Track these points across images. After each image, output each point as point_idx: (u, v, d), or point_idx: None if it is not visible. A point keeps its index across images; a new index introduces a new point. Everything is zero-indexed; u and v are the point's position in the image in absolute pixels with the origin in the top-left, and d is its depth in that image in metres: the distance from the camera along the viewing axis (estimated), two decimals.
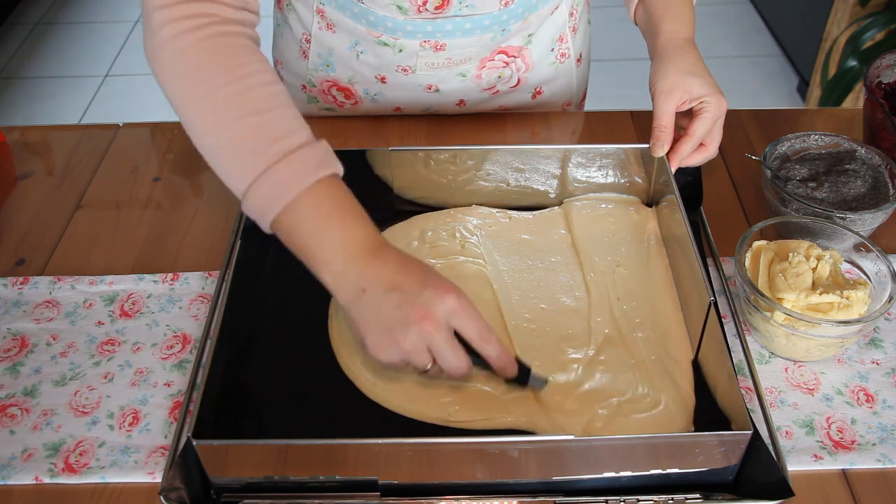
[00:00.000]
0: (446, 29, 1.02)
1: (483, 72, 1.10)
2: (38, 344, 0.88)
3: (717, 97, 0.89)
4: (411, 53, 1.05)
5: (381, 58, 1.07)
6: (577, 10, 1.15)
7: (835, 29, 2.50)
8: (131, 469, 0.77)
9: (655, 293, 0.90)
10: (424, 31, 1.02)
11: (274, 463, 0.71)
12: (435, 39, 1.03)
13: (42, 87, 2.97)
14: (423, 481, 0.73)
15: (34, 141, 1.17)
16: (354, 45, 1.07)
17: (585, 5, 1.19)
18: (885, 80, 1.06)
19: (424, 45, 1.04)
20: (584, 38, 1.21)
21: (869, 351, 0.86)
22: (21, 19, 3.33)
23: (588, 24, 1.22)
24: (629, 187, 1.00)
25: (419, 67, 1.07)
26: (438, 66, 1.07)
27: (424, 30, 1.02)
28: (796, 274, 0.83)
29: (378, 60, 1.07)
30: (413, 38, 1.03)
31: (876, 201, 0.94)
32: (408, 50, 1.05)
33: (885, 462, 0.77)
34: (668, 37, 0.95)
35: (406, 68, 1.07)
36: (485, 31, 1.03)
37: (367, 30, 1.04)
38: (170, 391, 0.84)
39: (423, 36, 1.03)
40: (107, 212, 1.05)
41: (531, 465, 0.71)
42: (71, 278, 0.95)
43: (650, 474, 0.72)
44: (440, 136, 1.14)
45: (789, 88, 2.85)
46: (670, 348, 0.84)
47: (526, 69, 1.13)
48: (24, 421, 0.81)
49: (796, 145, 1.01)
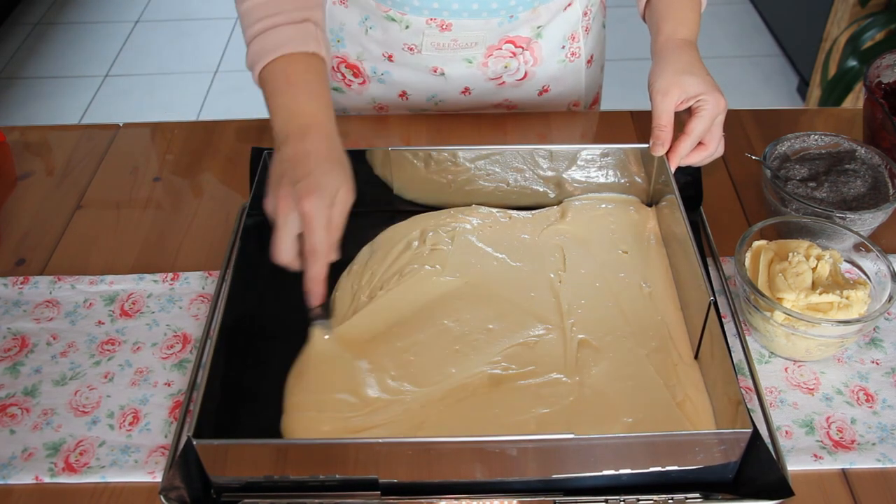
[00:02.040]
0: (453, 8, 1.03)
1: (490, 60, 1.10)
2: (38, 344, 0.88)
3: (714, 95, 0.89)
4: (417, 31, 1.06)
5: (388, 33, 1.08)
6: (591, 10, 1.15)
7: (835, 29, 2.50)
8: (131, 469, 0.77)
9: (655, 293, 0.90)
10: (431, 7, 1.03)
11: (274, 463, 0.71)
12: (441, 18, 1.04)
13: (42, 87, 2.97)
14: (423, 480, 0.73)
15: (34, 141, 1.17)
16: (364, 21, 1.09)
17: (601, 8, 1.19)
18: (885, 80, 1.06)
19: (430, 24, 1.05)
20: (597, 40, 1.21)
21: (869, 351, 0.86)
22: (21, 19, 3.33)
23: (603, 28, 1.22)
24: (629, 187, 1.00)
25: (425, 47, 1.08)
26: (444, 46, 1.08)
27: (431, 6, 1.03)
28: (796, 274, 0.83)
29: (385, 36, 1.09)
30: (419, 13, 1.04)
31: (876, 201, 0.94)
32: (414, 27, 1.06)
33: (884, 462, 0.77)
34: (667, 37, 0.95)
35: (412, 47, 1.08)
36: (492, 14, 1.04)
37: (377, 3, 1.05)
38: (170, 391, 0.84)
39: (429, 13, 1.04)
40: (107, 212, 1.05)
41: (531, 463, 0.71)
42: (71, 278, 0.95)
43: (650, 473, 0.72)
44: (440, 135, 1.14)
45: (789, 88, 2.85)
46: (671, 348, 0.84)
47: (534, 63, 1.13)
48: (24, 420, 0.81)
49: (796, 145, 1.01)
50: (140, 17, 3.35)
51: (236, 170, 1.10)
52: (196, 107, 2.86)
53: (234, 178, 1.09)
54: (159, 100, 2.90)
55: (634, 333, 0.86)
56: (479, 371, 0.82)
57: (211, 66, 3.05)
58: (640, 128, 1.16)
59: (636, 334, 0.86)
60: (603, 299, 0.89)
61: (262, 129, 1.17)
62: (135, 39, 3.21)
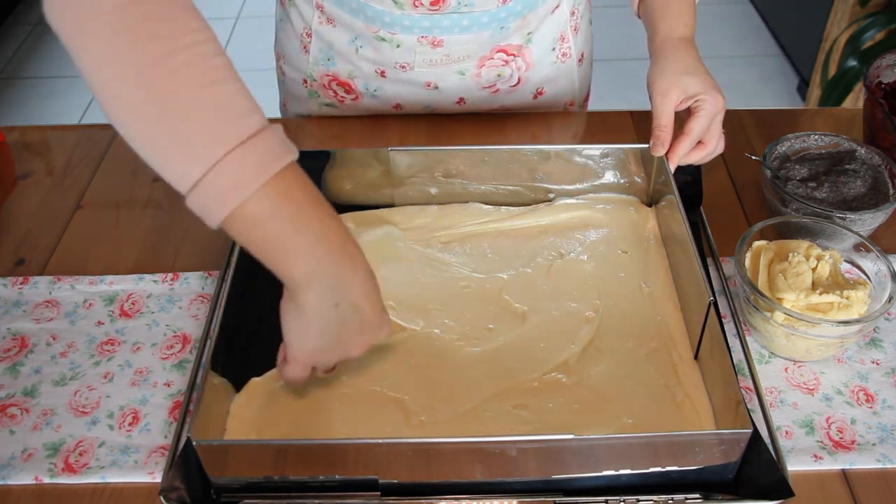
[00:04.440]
0: (444, 25, 1.02)
1: (482, 70, 1.10)
2: (38, 344, 0.88)
3: (713, 94, 0.89)
4: (409, 49, 1.06)
5: (379, 52, 1.07)
6: (578, 9, 1.15)
7: (835, 29, 2.50)
8: (131, 469, 0.77)
9: (655, 293, 0.90)
10: (421, 26, 1.02)
11: (274, 463, 0.71)
12: (433, 35, 1.03)
13: (42, 87, 2.97)
14: (423, 481, 0.73)
15: (34, 141, 1.17)
16: (354, 40, 1.07)
17: (587, 5, 1.19)
18: (885, 80, 1.06)
19: (422, 41, 1.04)
20: (586, 37, 1.21)
21: (869, 351, 0.86)
22: (21, 19, 3.33)
23: (590, 24, 1.22)
24: (629, 187, 1.00)
25: (417, 64, 1.07)
26: (436, 63, 1.07)
27: (421, 25, 1.02)
28: (796, 274, 0.83)
29: (377, 55, 1.08)
30: (410, 33, 1.03)
31: (876, 201, 0.94)
32: (405, 46, 1.05)
33: (884, 462, 0.77)
34: (665, 36, 0.95)
35: (404, 65, 1.08)
36: (483, 28, 1.03)
37: (366, 25, 1.04)
38: (170, 391, 0.84)
39: (420, 31, 1.03)
40: (107, 212, 1.05)
41: (530, 464, 0.71)
42: (71, 278, 0.95)
43: (650, 473, 0.72)
44: (440, 135, 1.14)
45: (789, 88, 2.85)
46: (671, 348, 0.84)
47: (527, 68, 1.13)
48: (24, 421, 0.81)
49: (796, 145, 1.01)
50: None
51: None
52: None
53: None
54: None
55: (634, 333, 0.86)
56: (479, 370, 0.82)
57: None
58: (639, 128, 1.16)
59: (636, 334, 0.86)
60: (603, 299, 0.89)
61: None
62: None
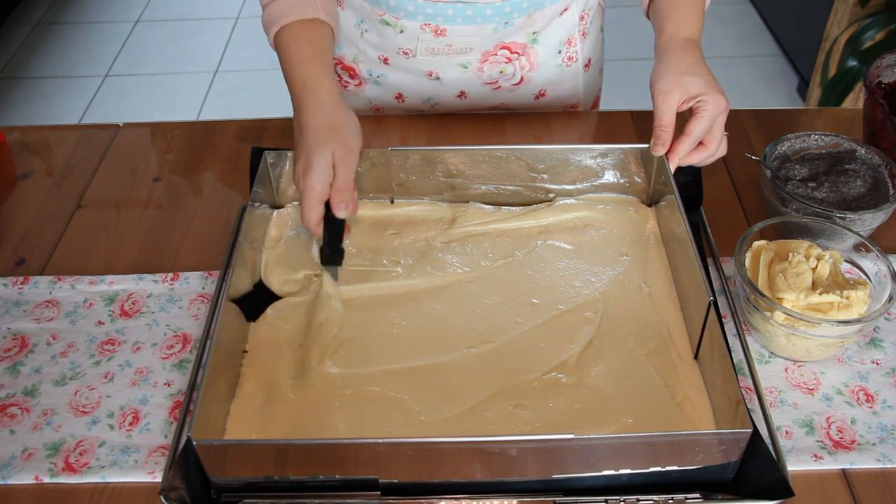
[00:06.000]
0: (447, 13, 1.03)
1: (485, 65, 1.10)
2: (38, 344, 0.88)
3: (715, 96, 0.89)
4: (412, 36, 1.06)
5: (383, 37, 1.08)
6: (588, 14, 1.15)
7: (835, 29, 2.50)
8: (131, 469, 0.77)
9: (655, 293, 0.90)
10: (425, 12, 1.03)
11: (274, 463, 0.71)
12: (436, 23, 1.04)
13: (42, 87, 2.97)
14: (423, 480, 0.73)
15: (34, 141, 1.17)
16: (360, 23, 1.09)
17: (599, 11, 1.19)
18: (885, 80, 1.06)
19: (425, 28, 1.05)
20: (595, 44, 1.20)
21: (869, 351, 0.86)
22: (21, 19, 3.33)
23: (601, 32, 1.22)
24: (629, 187, 1.00)
25: (419, 51, 1.08)
26: (439, 51, 1.08)
27: (425, 11, 1.03)
28: (796, 274, 0.83)
29: (380, 40, 1.09)
30: (414, 18, 1.04)
31: (876, 201, 0.94)
32: (409, 32, 1.06)
33: (884, 462, 0.77)
34: (670, 36, 0.95)
35: (407, 51, 1.09)
36: (486, 20, 1.04)
37: (371, 7, 1.06)
38: (170, 391, 0.84)
39: (423, 18, 1.04)
40: (107, 212, 1.05)
41: (530, 463, 0.71)
42: (71, 278, 0.95)
43: (650, 473, 0.72)
44: (440, 135, 1.14)
45: (789, 88, 2.85)
46: (670, 348, 0.84)
47: (531, 68, 1.13)
48: (24, 421, 0.81)
49: (796, 145, 1.01)
50: (140, 17, 3.34)
51: (236, 170, 1.10)
52: (196, 107, 2.86)
53: (234, 178, 1.09)
54: (159, 100, 2.90)
55: (634, 333, 0.86)
56: (479, 369, 0.82)
57: (211, 66, 3.05)
58: (640, 128, 1.16)
59: (636, 334, 0.86)
60: (603, 299, 0.89)
61: (262, 129, 1.17)
62: (135, 39, 3.21)
